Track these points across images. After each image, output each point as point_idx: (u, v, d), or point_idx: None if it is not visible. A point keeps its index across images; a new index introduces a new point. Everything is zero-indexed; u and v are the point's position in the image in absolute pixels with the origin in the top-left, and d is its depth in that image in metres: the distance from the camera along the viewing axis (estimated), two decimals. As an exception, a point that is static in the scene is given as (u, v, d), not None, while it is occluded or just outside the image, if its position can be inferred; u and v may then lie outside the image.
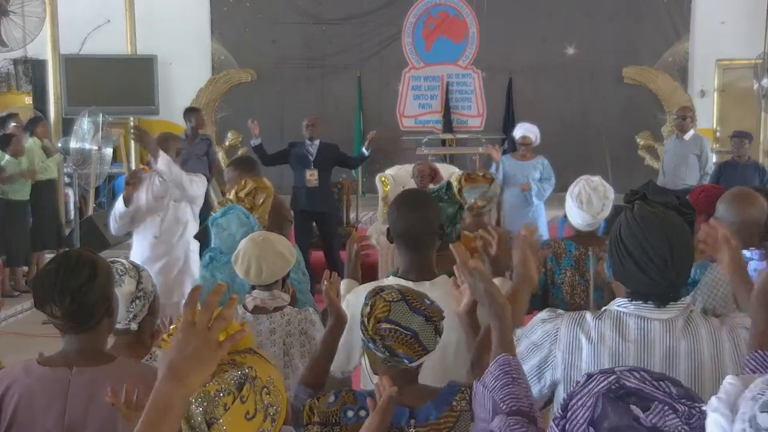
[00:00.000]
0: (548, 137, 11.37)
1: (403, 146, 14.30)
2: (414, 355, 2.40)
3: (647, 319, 2.30)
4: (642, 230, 2.28)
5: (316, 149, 9.14)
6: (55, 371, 2.49)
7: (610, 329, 2.31)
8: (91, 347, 2.52)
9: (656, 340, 2.29)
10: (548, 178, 8.90)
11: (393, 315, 2.39)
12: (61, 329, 2.52)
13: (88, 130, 8.70)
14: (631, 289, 2.34)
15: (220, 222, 4.41)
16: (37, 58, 13.35)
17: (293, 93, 14.63)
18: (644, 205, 2.37)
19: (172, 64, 13.89)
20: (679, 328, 2.29)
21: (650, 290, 2.29)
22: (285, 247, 3.89)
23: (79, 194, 9.93)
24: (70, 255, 2.58)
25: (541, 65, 14.54)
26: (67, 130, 9.64)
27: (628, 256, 2.29)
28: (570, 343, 2.36)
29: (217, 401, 1.82)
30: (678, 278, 2.30)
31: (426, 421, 2.37)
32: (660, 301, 2.31)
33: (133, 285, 3.01)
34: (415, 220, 3.08)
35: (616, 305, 2.36)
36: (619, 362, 2.27)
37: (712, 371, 2.26)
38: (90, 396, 2.46)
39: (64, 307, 2.44)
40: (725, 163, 10.03)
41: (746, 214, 3.32)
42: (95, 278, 2.48)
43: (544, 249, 4.20)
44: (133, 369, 2.59)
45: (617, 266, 2.34)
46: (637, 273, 2.28)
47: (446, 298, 3.04)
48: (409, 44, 14.84)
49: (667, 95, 14.18)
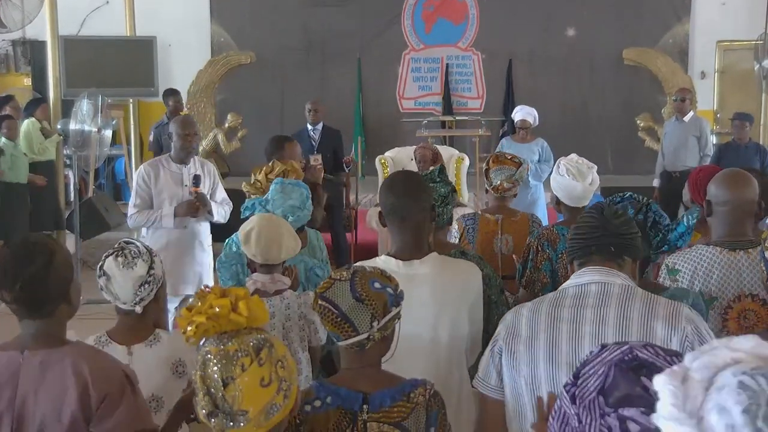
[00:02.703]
0: (548, 119, 11.38)
1: (402, 128, 14.29)
2: (342, 335, 2.38)
3: (583, 285, 2.43)
4: (588, 209, 2.63)
5: (319, 134, 9.15)
6: (6, 355, 2.50)
7: (547, 301, 2.49)
8: (45, 332, 2.52)
9: (589, 301, 2.39)
10: (547, 160, 8.91)
11: (329, 293, 2.39)
12: (15, 314, 2.53)
13: (87, 112, 8.69)
14: (578, 253, 2.51)
15: (286, 185, 4.35)
16: (35, 40, 13.33)
17: (293, 75, 14.60)
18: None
19: (171, 45, 13.85)
20: (615, 293, 2.38)
21: (590, 240, 2.47)
22: (292, 230, 3.91)
23: (78, 176, 9.94)
24: (26, 242, 2.57)
25: (541, 47, 14.50)
26: (66, 112, 9.62)
27: (573, 226, 2.57)
28: (512, 320, 2.56)
29: (235, 361, 1.84)
30: (615, 226, 2.46)
31: (379, 408, 2.36)
32: (601, 253, 2.44)
33: (144, 269, 3.00)
34: (406, 201, 3.11)
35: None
36: (554, 325, 2.41)
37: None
38: (40, 378, 2.45)
39: (14, 293, 2.45)
40: (726, 144, 10.03)
41: (738, 195, 3.32)
42: (49, 266, 2.47)
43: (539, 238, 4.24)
44: (85, 352, 2.57)
45: (568, 242, 2.58)
46: (578, 228, 2.52)
47: (434, 276, 3.07)
48: (408, 26, 14.79)
49: (668, 77, 14.14)
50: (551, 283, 4.19)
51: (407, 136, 13.59)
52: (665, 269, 3.34)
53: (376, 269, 2.51)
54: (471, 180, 11.03)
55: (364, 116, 14.64)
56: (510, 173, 4.94)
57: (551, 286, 4.18)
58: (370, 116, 14.71)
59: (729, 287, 3.22)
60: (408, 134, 13.69)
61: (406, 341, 2.77)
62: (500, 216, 4.88)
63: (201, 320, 1.88)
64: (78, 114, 8.66)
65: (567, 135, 12.88)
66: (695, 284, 3.25)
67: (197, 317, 1.89)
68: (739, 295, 3.20)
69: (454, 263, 3.29)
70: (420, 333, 3.02)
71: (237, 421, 1.83)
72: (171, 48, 13.85)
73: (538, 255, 4.22)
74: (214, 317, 1.89)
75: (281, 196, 4.29)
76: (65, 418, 2.43)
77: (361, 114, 14.56)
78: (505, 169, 4.95)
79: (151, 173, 6.11)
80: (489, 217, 4.88)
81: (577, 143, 10.82)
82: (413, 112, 14.74)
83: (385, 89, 14.83)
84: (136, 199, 6.09)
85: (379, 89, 14.81)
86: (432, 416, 2.39)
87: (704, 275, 3.25)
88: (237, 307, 1.90)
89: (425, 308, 3.03)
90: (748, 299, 3.18)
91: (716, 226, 3.36)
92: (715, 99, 14.30)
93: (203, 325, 1.88)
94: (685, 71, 14.31)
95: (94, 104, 8.75)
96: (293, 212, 4.24)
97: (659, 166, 9.99)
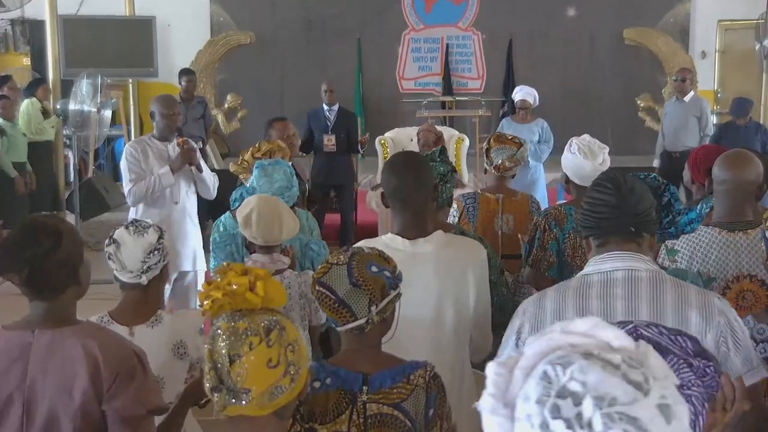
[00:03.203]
0: (548, 99, 11.36)
1: (402, 109, 14.25)
2: (340, 320, 2.38)
3: (609, 272, 2.36)
4: (598, 178, 2.48)
5: (334, 114, 9.19)
6: (16, 334, 2.50)
7: (573, 291, 2.39)
8: (55, 312, 2.52)
9: (618, 291, 2.33)
10: (547, 141, 8.92)
11: (326, 278, 2.38)
12: (25, 294, 2.53)
13: (87, 92, 8.68)
14: (594, 233, 2.43)
15: (266, 167, 4.36)
16: (34, 19, 13.26)
17: (293, 55, 14.55)
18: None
19: (170, 25, 13.78)
20: (644, 279, 2.33)
21: (609, 221, 2.38)
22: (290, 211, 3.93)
23: (78, 156, 9.93)
24: (34, 223, 2.57)
25: (542, 27, 14.44)
26: (65, 92, 9.60)
27: (587, 198, 2.46)
28: (535, 312, 2.45)
29: (243, 338, 1.85)
30: (634, 204, 2.38)
31: (379, 389, 2.37)
32: (621, 234, 2.38)
33: (154, 237, 3.03)
34: (408, 180, 3.12)
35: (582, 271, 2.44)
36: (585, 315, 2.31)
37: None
38: (50, 357, 2.46)
39: (22, 275, 2.45)
40: (725, 124, 10.01)
41: (737, 176, 3.32)
42: (57, 248, 2.47)
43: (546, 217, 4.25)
44: (95, 332, 2.58)
45: (581, 218, 2.48)
46: (594, 204, 2.42)
47: (438, 253, 3.07)
48: (409, 6, 14.73)
49: (668, 57, 14.09)
50: (557, 262, 4.20)
51: (407, 116, 13.56)
52: (664, 249, 3.35)
53: (374, 251, 2.50)
54: (471, 161, 11.02)
55: (364, 97, 14.60)
56: (511, 153, 4.95)
57: (557, 265, 4.19)
58: (370, 97, 14.67)
59: (727, 268, 3.23)
60: (408, 115, 13.66)
61: (408, 321, 2.79)
62: (501, 195, 4.89)
63: (217, 296, 1.89)
64: (77, 94, 8.65)
65: (567, 115, 12.87)
66: (694, 265, 3.25)
67: (214, 292, 1.90)
68: (738, 276, 3.21)
69: (459, 240, 3.31)
70: (423, 311, 3.03)
71: (239, 398, 1.84)
72: (170, 28, 13.79)
73: (545, 234, 4.23)
74: (230, 294, 1.90)
75: (266, 180, 4.28)
76: (76, 397, 2.44)
77: (361, 94, 14.53)
78: (507, 148, 4.96)
79: (138, 149, 6.17)
80: (489, 197, 4.89)
81: (578, 123, 10.81)
82: (413, 93, 14.70)
83: (385, 69, 14.78)
84: (129, 174, 6.10)
85: (379, 69, 14.76)
86: (431, 398, 2.39)
87: (703, 256, 3.25)
88: (254, 287, 1.91)
89: (429, 286, 3.03)
90: (747, 280, 3.19)
91: (716, 205, 3.36)
92: (716, 79, 14.27)
93: (219, 300, 1.90)
94: (686, 51, 14.26)
95: (93, 84, 8.74)
96: (283, 193, 4.24)
97: (659, 147, 9.99)
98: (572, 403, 1.08)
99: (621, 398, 1.08)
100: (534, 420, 1.11)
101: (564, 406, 1.09)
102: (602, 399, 1.08)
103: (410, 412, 2.36)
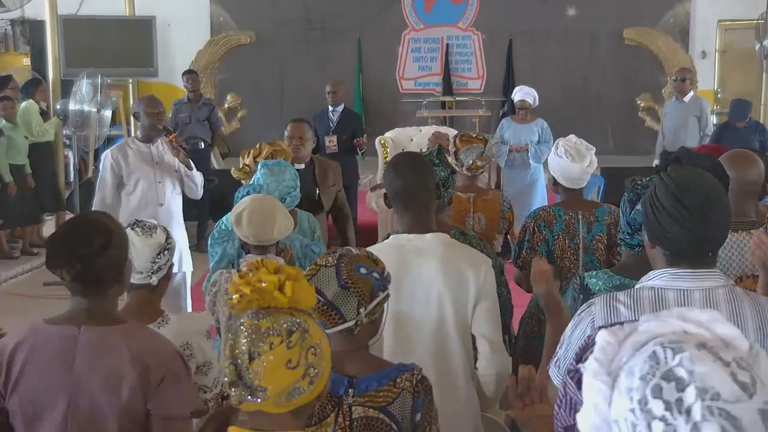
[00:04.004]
0: (548, 99, 11.36)
1: (402, 109, 14.26)
2: (329, 322, 2.36)
3: (686, 291, 2.24)
4: (677, 185, 2.23)
5: (338, 115, 9.13)
6: (62, 329, 2.51)
7: (649, 307, 2.25)
8: (99, 309, 2.54)
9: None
10: (547, 141, 8.90)
11: (315, 280, 2.37)
12: (69, 290, 2.54)
13: (87, 92, 8.69)
14: (667, 250, 2.27)
15: (272, 166, 4.34)
16: (34, 19, 13.26)
17: (293, 55, 14.55)
18: (678, 167, 2.34)
19: (170, 25, 13.79)
20: (722, 300, 2.23)
21: (687, 246, 2.22)
22: (285, 210, 3.90)
23: (78, 156, 9.93)
24: (84, 220, 2.59)
25: (542, 27, 14.44)
26: (65, 92, 9.60)
27: (663, 211, 2.23)
28: (607, 316, 2.29)
29: (265, 337, 1.85)
30: (716, 232, 2.24)
31: (365, 392, 2.35)
32: (697, 258, 2.24)
33: (163, 237, 3.05)
34: (412, 180, 3.13)
35: (652, 279, 2.30)
36: None
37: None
38: (97, 354, 2.48)
39: (73, 272, 2.46)
40: (725, 124, 10.01)
41: (741, 175, 3.32)
42: (108, 246, 2.49)
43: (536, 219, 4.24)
44: (141, 333, 2.61)
45: (653, 225, 2.28)
46: (672, 225, 2.21)
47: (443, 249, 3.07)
48: (408, 6, 14.73)
49: (668, 57, 14.10)
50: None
51: (407, 116, 13.57)
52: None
53: (362, 252, 2.49)
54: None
55: (364, 96, 14.60)
56: (480, 151, 4.92)
57: None
58: (370, 96, 14.67)
59: (731, 268, 3.22)
60: (408, 115, 13.67)
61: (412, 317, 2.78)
62: (472, 194, 4.87)
63: (246, 291, 1.90)
64: (77, 94, 8.66)
65: (567, 115, 12.86)
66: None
67: (244, 287, 1.91)
68: (741, 276, 3.20)
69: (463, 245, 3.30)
70: (427, 306, 3.03)
71: (255, 395, 1.85)
72: (170, 28, 13.80)
73: (534, 236, 4.23)
74: (259, 291, 1.90)
75: (273, 180, 4.27)
76: (123, 395, 2.46)
77: (360, 94, 14.52)
78: (475, 147, 4.94)
79: (119, 158, 6.15)
80: (461, 196, 4.87)
81: (578, 123, 10.83)
82: (413, 93, 14.70)
83: (385, 69, 14.78)
84: (98, 194, 6.21)
85: (379, 69, 14.76)
86: (418, 402, 2.37)
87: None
88: (283, 287, 1.91)
89: (432, 281, 3.03)
90: (750, 280, 3.18)
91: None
92: (716, 79, 14.28)
93: (247, 296, 1.90)
94: (686, 51, 14.27)
95: (93, 84, 8.74)
96: (289, 193, 4.23)
97: (659, 147, 9.99)
98: (675, 387, 1.11)
99: (725, 395, 1.09)
100: (634, 395, 1.14)
101: (666, 389, 1.11)
102: (706, 391, 1.09)
103: (396, 415, 2.34)
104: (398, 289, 2.88)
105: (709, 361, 1.12)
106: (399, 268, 2.92)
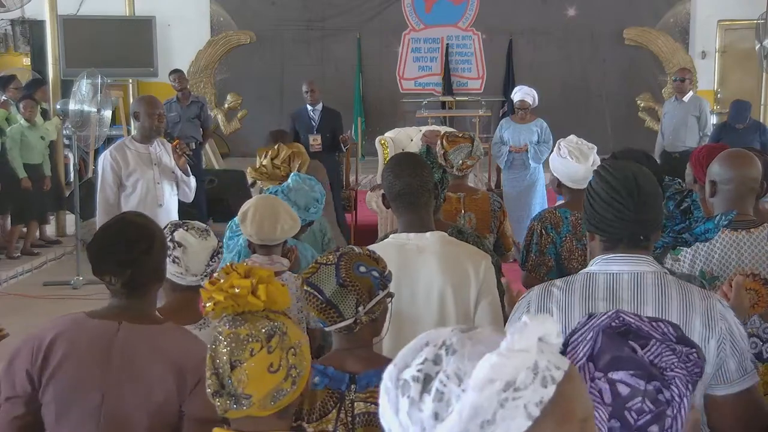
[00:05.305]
0: (548, 99, 11.36)
1: (402, 109, 14.27)
2: (327, 320, 2.38)
3: (616, 275, 2.34)
4: (610, 173, 2.37)
5: (318, 114, 9.16)
6: (103, 323, 2.52)
7: (579, 291, 2.36)
8: (139, 307, 2.56)
9: (624, 295, 2.32)
10: (546, 141, 8.88)
11: (314, 278, 2.38)
12: (112, 292, 2.55)
13: (87, 92, 8.68)
14: (603, 236, 2.38)
15: (306, 180, 4.31)
16: (34, 19, 13.26)
17: (293, 55, 14.56)
18: (613, 160, 2.54)
19: (170, 25, 13.79)
20: (649, 283, 2.32)
21: (620, 230, 2.33)
22: (290, 210, 3.89)
23: (78, 156, 9.92)
24: (131, 224, 2.59)
25: (542, 27, 14.46)
26: (65, 92, 9.60)
27: (598, 197, 2.36)
28: (540, 311, 2.38)
29: (244, 345, 1.85)
30: (647, 216, 2.34)
31: (366, 388, 2.37)
32: (631, 243, 2.34)
33: (215, 241, 3.06)
34: (411, 180, 3.14)
35: (589, 266, 2.41)
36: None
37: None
38: (135, 351, 2.48)
39: (124, 277, 2.47)
40: (724, 123, 10.00)
41: (741, 174, 3.32)
42: (152, 250, 2.51)
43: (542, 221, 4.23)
44: (180, 334, 2.61)
45: (590, 214, 2.40)
46: (606, 210, 2.34)
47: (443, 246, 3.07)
48: (408, 6, 14.73)
49: (668, 56, 14.11)
50: (556, 266, 4.19)
51: (407, 116, 13.59)
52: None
53: (363, 251, 2.49)
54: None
55: (364, 96, 14.61)
56: (468, 150, 4.91)
57: (556, 269, 4.18)
58: (370, 96, 14.68)
59: (730, 266, 3.22)
60: (408, 114, 13.69)
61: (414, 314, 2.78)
62: (462, 194, 4.86)
63: (220, 298, 1.89)
64: (77, 94, 8.65)
65: (567, 115, 12.86)
66: (696, 263, 3.25)
67: (217, 294, 1.90)
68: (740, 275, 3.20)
69: (462, 243, 3.31)
70: (428, 304, 3.03)
71: (240, 403, 1.85)
72: (170, 28, 13.80)
73: (542, 239, 4.20)
74: (233, 297, 1.90)
75: (305, 186, 4.26)
76: (158, 395, 2.46)
77: (360, 94, 14.53)
78: (463, 147, 4.92)
79: (118, 159, 6.11)
80: (451, 195, 4.84)
81: (578, 123, 10.83)
82: (413, 93, 14.71)
83: (385, 69, 14.79)
84: (101, 194, 6.15)
85: (379, 69, 14.77)
86: None
87: (705, 254, 3.25)
88: (256, 290, 1.91)
89: (433, 279, 3.04)
90: (749, 278, 3.19)
91: (718, 205, 3.35)
92: (716, 79, 14.29)
93: (221, 303, 1.90)
94: (686, 51, 14.28)
95: (93, 84, 8.73)
96: (314, 204, 4.23)
97: (659, 146, 9.98)
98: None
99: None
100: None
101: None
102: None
103: None
104: (399, 287, 2.88)
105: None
106: (400, 267, 2.93)
